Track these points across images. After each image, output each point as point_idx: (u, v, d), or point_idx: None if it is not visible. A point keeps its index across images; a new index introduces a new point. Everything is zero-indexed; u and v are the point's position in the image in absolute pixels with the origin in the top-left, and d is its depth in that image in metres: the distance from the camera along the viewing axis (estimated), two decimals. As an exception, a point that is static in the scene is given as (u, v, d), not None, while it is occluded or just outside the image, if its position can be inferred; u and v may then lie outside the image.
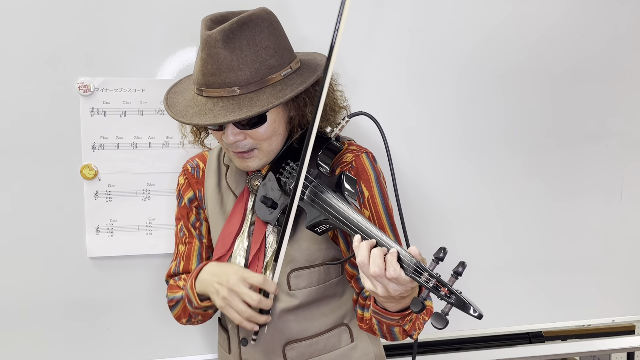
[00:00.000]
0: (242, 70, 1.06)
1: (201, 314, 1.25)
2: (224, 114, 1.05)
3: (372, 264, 0.91)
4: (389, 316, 1.03)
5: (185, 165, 1.33)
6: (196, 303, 1.20)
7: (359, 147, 1.21)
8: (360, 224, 0.98)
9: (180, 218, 1.32)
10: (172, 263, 1.34)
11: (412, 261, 0.89)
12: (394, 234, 1.19)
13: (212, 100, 1.08)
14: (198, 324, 1.31)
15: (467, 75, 1.64)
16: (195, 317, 1.27)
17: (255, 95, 1.07)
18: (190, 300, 1.21)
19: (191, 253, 1.31)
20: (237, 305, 1.09)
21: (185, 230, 1.31)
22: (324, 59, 1.20)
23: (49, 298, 1.49)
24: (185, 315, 1.27)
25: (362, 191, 1.17)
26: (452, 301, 0.84)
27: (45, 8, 1.41)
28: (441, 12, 1.60)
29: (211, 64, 1.06)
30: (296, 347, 1.21)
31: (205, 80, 1.08)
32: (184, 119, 1.10)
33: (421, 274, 0.87)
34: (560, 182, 1.73)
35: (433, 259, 0.87)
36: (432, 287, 0.86)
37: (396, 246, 0.92)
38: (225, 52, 1.05)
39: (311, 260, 1.19)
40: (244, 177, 1.25)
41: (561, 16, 1.67)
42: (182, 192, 1.31)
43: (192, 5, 1.47)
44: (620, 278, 1.81)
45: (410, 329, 1.08)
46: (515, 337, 1.82)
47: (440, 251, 0.86)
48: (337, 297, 1.24)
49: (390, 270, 0.89)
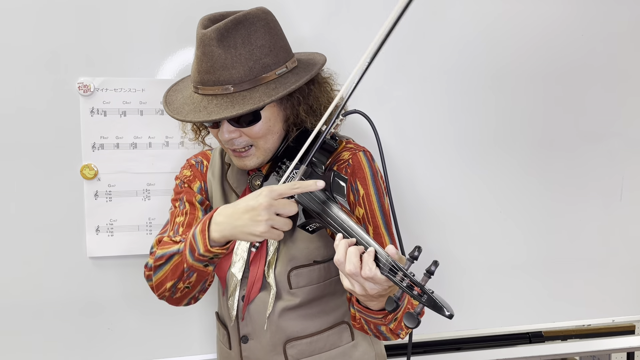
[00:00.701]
0: (236, 69, 1.07)
1: (198, 270, 1.10)
2: (217, 111, 1.07)
3: (348, 262, 0.91)
4: (372, 315, 1.04)
5: (190, 160, 1.34)
6: (203, 249, 1.06)
7: (357, 146, 1.22)
8: (342, 222, 0.98)
9: (178, 199, 1.28)
10: (164, 234, 1.23)
11: (388, 260, 0.89)
12: (388, 233, 1.19)
13: (207, 98, 1.10)
14: (183, 296, 1.18)
15: (465, 75, 1.63)
16: (188, 277, 1.12)
17: (248, 93, 1.08)
18: (195, 247, 1.07)
19: (193, 222, 1.23)
20: (281, 221, 1.01)
21: (187, 203, 1.26)
22: (323, 58, 1.20)
23: (48, 297, 1.49)
24: (173, 277, 1.13)
25: (358, 189, 1.17)
26: (424, 301, 0.85)
27: (45, 8, 1.41)
28: (437, 11, 1.60)
29: (206, 62, 1.08)
30: (297, 345, 1.21)
31: (200, 78, 1.10)
32: (179, 115, 1.12)
33: (396, 273, 0.87)
34: (560, 182, 1.73)
35: (408, 258, 0.87)
36: (405, 287, 0.86)
37: (375, 245, 0.92)
38: (219, 50, 1.06)
39: (311, 259, 1.19)
40: (246, 177, 1.26)
41: (561, 16, 1.67)
42: (185, 181, 1.30)
43: (192, 5, 1.47)
44: (620, 278, 1.81)
45: (395, 328, 1.08)
46: (515, 337, 1.82)
47: (415, 250, 0.86)
48: (337, 295, 1.25)
49: (366, 269, 0.89)
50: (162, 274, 1.15)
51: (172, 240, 1.17)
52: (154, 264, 1.16)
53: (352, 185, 1.17)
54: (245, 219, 1.01)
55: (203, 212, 1.26)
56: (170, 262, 1.13)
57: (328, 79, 1.22)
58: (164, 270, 1.14)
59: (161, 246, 1.17)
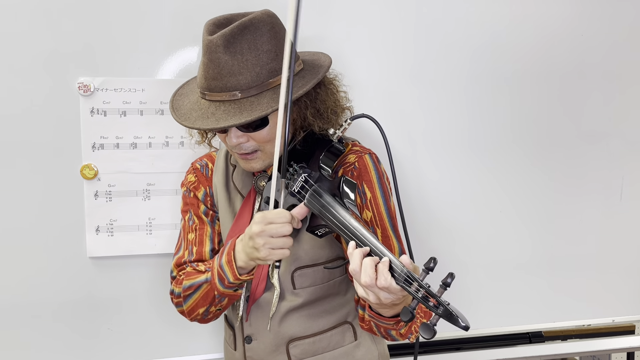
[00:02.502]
0: (243, 75, 1.07)
1: (229, 295, 1.17)
2: (225, 118, 1.06)
3: (364, 273, 0.91)
4: (384, 321, 1.04)
5: (194, 164, 1.34)
6: (232, 278, 1.12)
7: (363, 148, 1.22)
8: (355, 230, 0.98)
9: (187, 210, 1.31)
10: (180, 253, 1.29)
11: (403, 270, 0.89)
12: (395, 235, 1.19)
13: (214, 104, 1.09)
14: (213, 316, 1.24)
15: (469, 77, 1.64)
16: (220, 302, 1.19)
17: (256, 99, 1.08)
18: (224, 276, 1.13)
19: (203, 238, 1.28)
20: (278, 242, 1.04)
21: (195, 217, 1.30)
22: (328, 60, 1.20)
23: (48, 297, 1.49)
24: (204, 303, 1.20)
25: (365, 192, 1.17)
26: (440, 312, 0.84)
27: (44, 8, 1.41)
28: (445, 14, 1.60)
29: (213, 68, 1.07)
30: (300, 344, 1.22)
31: (207, 85, 1.09)
32: (187, 122, 1.12)
33: (411, 284, 0.87)
34: (560, 182, 1.73)
35: (423, 269, 0.87)
36: (421, 298, 0.86)
37: (389, 255, 0.92)
38: (226, 56, 1.06)
39: (315, 259, 1.20)
40: (251, 178, 1.26)
41: (561, 16, 1.67)
42: (191, 189, 1.31)
43: (192, 5, 1.47)
44: (620, 278, 1.81)
45: (406, 333, 1.09)
46: (515, 337, 1.83)
47: (431, 261, 0.86)
48: (340, 296, 1.25)
49: (382, 279, 0.89)
50: (192, 302, 1.21)
51: (197, 270, 1.23)
52: (182, 293, 1.22)
53: (359, 188, 1.17)
54: (249, 247, 1.07)
55: (210, 225, 1.29)
56: (199, 290, 1.20)
57: (333, 81, 1.21)
58: (193, 298, 1.21)
59: (188, 277, 1.23)
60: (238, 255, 1.11)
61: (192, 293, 1.21)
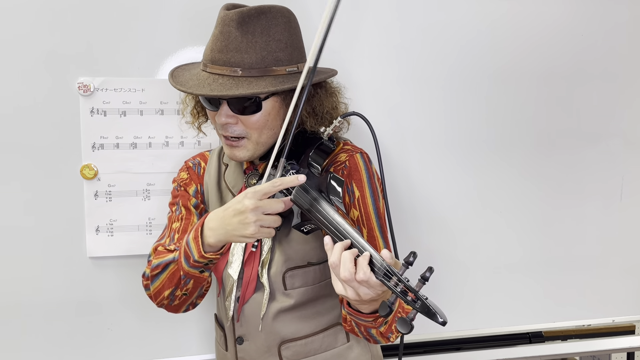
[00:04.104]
0: (249, 54, 1.08)
1: (195, 276, 1.13)
2: (219, 89, 1.08)
3: (343, 267, 0.91)
4: (363, 318, 1.04)
5: (187, 162, 1.35)
6: (197, 256, 1.08)
7: (354, 147, 1.21)
8: (337, 224, 0.98)
9: (175, 203, 1.30)
10: (161, 240, 1.25)
11: (382, 264, 0.89)
12: (382, 236, 1.18)
13: (213, 76, 1.11)
14: (180, 304, 1.20)
15: (464, 75, 1.63)
16: (185, 284, 1.15)
17: (255, 80, 1.09)
18: (190, 254, 1.09)
19: (188, 227, 1.25)
20: (269, 220, 1.02)
21: (183, 208, 1.29)
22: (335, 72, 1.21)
23: (48, 298, 1.49)
24: (170, 285, 1.15)
25: (353, 191, 1.17)
26: (417, 307, 0.84)
27: (44, 7, 1.41)
28: (437, 12, 1.60)
29: (221, 40, 1.09)
30: (291, 346, 1.21)
31: (212, 56, 1.11)
32: (182, 87, 1.13)
33: (390, 278, 0.87)
34: (560, 182, 1.73)
35: (403, 263, 0.87)
36: (399, 292, 0.86)
37: (370, 249, 0.92)
38: (237, 32, 1.08)
39: (306, 260, 1.19)
40: (242, 176, 1.26)
41: (561, 15, 1.67)
42: (182, 185, 1.31)
43: (192, 5, 1.47)
44: (620, 278, 1.81)
45: (386, 331, 1.08)
46: (515, 337, 1.82)
47: (410, 255, 0.86)
48: (332, 297, 1.24)
49: (360, 273, 0.89)
50: (159, 282, 1.17)
51: (167, 249, 1.19)
52: (150, 273, 1.18)
53: (348, 187, 1.17)
54: (235, 222, 1.03)
55: (198, 217, 1.27)
56: (166, 270, 1.15)
57: (336, 90, 1.23)
58: (160, 279, 1.16)
59: (157, 255, 1.19)
60: (210, 232, 1.07)
61: (159, 273, 1.16)
